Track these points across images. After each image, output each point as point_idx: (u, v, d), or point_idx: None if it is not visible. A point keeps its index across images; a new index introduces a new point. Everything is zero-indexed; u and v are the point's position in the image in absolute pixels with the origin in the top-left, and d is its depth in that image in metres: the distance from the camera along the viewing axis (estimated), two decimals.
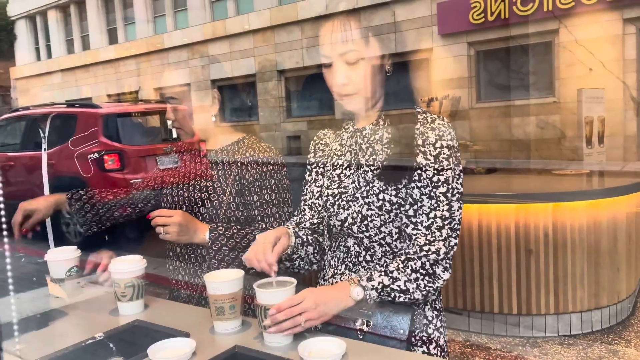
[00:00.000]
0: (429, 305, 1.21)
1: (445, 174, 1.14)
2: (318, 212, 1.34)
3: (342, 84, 1.19)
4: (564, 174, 4.09)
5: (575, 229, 3.12)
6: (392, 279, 1.10)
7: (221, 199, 1.52)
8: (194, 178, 1.61)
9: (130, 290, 1.33)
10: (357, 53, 1.17)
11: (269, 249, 1.15)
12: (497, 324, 3.26)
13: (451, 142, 1.15)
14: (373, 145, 1.22)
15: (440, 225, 1.13)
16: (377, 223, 1.18)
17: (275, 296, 1.10)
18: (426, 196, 1.14)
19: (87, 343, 1.15)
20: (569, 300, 3.15)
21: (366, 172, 1.21)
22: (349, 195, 1.22)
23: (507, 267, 3.19)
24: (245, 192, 1.52)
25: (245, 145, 1.59)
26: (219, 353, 1.07)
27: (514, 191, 3.55)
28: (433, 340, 1.19)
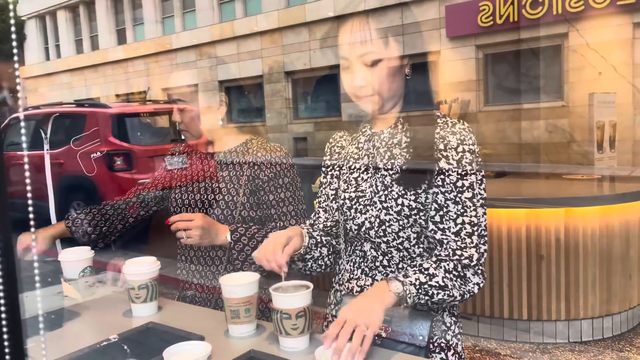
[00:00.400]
0: (447, 311, 1.20)
1: (469, 179, 1.12)
2: (332, 215, 1.33)
3: (359, 85, 1.17)
4: (575, 178, 4.06)
5: (587, 235, 3.09)
6: (428, 276, 1.07)
7: (235, 199, 1.51)
8: (204, 180, 1.60)
9: (144, 292, 1.33)
10: (376, 54, 1.15)
11: (279, 249, 1.13)
12: (506, 329, 3.23)
13: (472, 146, 1.14)
14: (391, 149, 1.21)
15: (470, 231, 1.11)
16: (395, 228, 1.16)
17: (292, 300, 1.09)
18: (452, 202, 1.12)
19: (102, 345, 1.15)
20: (580, 306, 3.12)
21: (384, 176, 1.19)
22: (366, 200, 1.21)
23: (517, 272, 3.16)
24: (260, 191, 1.52)
25: (255, 146, 1.59)
26: (235, 357, 1.06)
27: (524, 195, 3.52)
28: (451, 347, 1.18)
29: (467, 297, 1.12)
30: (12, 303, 0.50)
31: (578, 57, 8.50)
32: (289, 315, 1.08)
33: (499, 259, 3.19)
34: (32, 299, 0.81)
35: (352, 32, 1.16)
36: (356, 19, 1.17)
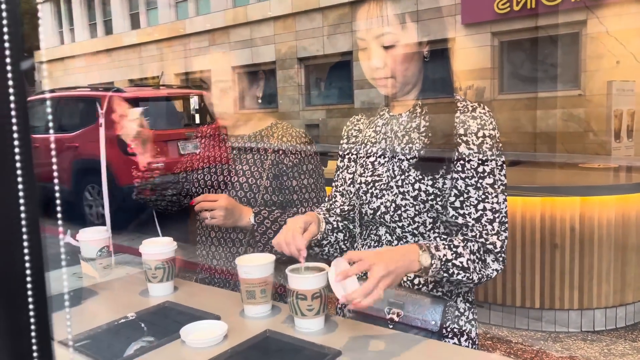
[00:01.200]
0: (462, 297, 1.19)
1: (490, 164, 1.11)
2: (349, 199, 1.32)
3: (376, 67, 1.16)
4: (591, 167, 4.01)
5: (602, 224, 3.06)
6: (456, 254, 1.06)
7: (259, 182, 1.51)
8: (227, 162, 1.60)
9: (161, 272, 1.34)
10: (394, 36, 1.14)
11: (299, 234, 1.13)
12: (518, 317, 3.23)
13: (493, 131, 1.12)
14: (409, 133, 1.20)
15: (491, 218, 1.10)
16: (410, 213, 1.16)
17: (308, 282, 1.09)
18: (472, 187, 1.11)
19: (120, 322, 1.16)
20: (594, 295, 3.10)
21: (402, 160, 1.18)
22: (382, 184, 1.20)
23: (530, 261, 3.14)
24: (283, 176, 1.52)
25: (279, 131, 1.58)
26: (251, 337, 1.07)
27: (539, 184, 3.49)
28: (465, 333, 1.18)
29: (483, 282, 1.11)
30: (38, 280, 0.51)
31: (597, 45, 8.34)
32: (304, 297, 1.08)
33: (513, 247, 3.17)
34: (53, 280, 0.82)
35: (369, 13, 1.15)
36: (374, 1, 1.16)
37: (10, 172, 0.48)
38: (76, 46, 19.02)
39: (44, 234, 0.53)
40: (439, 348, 1.07)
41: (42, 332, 0.52)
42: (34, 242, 0.51)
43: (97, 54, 17.86)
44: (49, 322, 0.53)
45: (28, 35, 0.57)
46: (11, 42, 0.48)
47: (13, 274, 0.50)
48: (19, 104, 0.49)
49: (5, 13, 0.47)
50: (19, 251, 0.50)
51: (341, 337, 1.08)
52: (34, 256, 0.51)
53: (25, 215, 0.49)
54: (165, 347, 1.06)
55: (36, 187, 0.51)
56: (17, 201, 0.49)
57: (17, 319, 0.50)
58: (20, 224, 0.49)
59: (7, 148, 0.48)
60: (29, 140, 0.50)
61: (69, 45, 19.50)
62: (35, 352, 0.51)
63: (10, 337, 0.51)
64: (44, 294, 0.53)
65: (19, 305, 0.50)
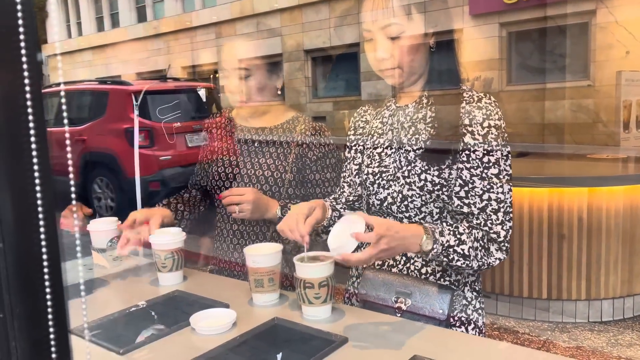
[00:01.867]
0: (469, 286, 1.20)
1: (495, 154, 1.11)
2: (355, 190, 1.33)
3: (382, 58, 1.17)
4: (600, 158, 3.99)
5: (610, 215, 3.05)
6: (459, 241, 1.07)
7: (284, 176, 1.51)
8: (248, 154, 1.57)
9: (170, 262, 1.36)
10: (399, 27, 1.14)
11: (302, 220, 1.14)
12: (525, 308, 3.23)
13: (498, 121, 1.13)
14: (416, 124, 1.20)
15: (496, 208, 1.11)
16: (417, 203, 1.17)
17: (315, 270, 1.10)
18: (478, 177, 1.12)
19: (131, 310, 1.18)
20: (601, 286, 3.10)
21: (408, 151, 1.19)
22: (389, 175, 1.21)
23: (538, 251, 3.14)
24: (306, 170, 1.53)
25: (302, 124, 1.56)
26: (259, 324, 1.09)
27: (546, 175, 3.48)
28: (472, 322, 1.19)
29: (483, 269, 1.12)
30: (55, 271, 0.52)
31: (606, 35, 8.25)
32: (311, 285, 1.10)
33: (520, 237, 3.17)
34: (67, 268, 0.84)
35: (375, 4, 1.16)
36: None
37: (27, 164, 0.50)
38: (83, 40, 19.07)
39: (59, 225, 0.54)
40: (446, 336, 1.08)
41: (59, 320, 0.54)
42: (51, 232, 0.52)
43: (104, 48, 17.91)
44: (65, 311, 0.54)
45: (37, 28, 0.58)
46: (26, 34, 0.49)
47: (31, 264, 0.51)
48: (34, 94, 0.50)
49: (20, 6, 0.49)
50: (37, 242, 0.51)
51: (348, 324, 1.09)
52: (50, 246, 0.52)
53: (42, 207, 0.51)
54: (175, 335, 1.08)
55: (52, 179, 0.52)
56: (34, 194, 0.50)
57: (36, 307, 0.52)
58: (37, 215, 0.51)
59: (24, 140, 0.49)
60: (44, 132, 0.51)
61: (76, 39, 19.56)
62: (52, 340, 0.53)
63: (29, 325, 0.52)
64: (61, 283, 0.54)
65: (37, 294, 0.52)
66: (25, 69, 0.49)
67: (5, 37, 0.48)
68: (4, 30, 0.48)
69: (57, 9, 19.67)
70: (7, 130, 0.48)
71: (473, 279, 1.21)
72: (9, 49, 0.48)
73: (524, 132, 8.93)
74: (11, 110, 0.48)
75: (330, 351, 0.97)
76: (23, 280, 0.50)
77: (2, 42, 0.48)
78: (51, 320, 0.53)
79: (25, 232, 0.51)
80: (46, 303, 0.52)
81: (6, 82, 0.48)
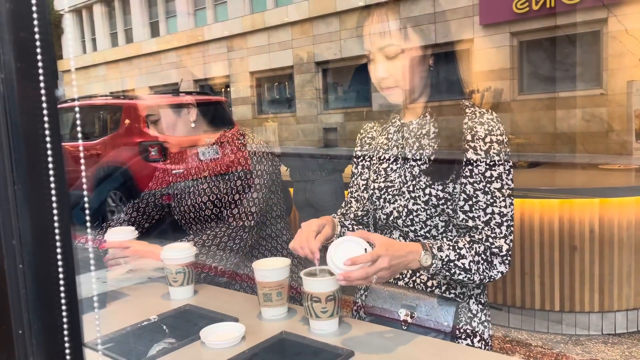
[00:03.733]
0: (474, 299, 1.22)
1: (497, 169, 1.14)
2: (363, 205, 1.36)
3: (382, 77, 1.21)
4: (612, 168, 3.97)
5: (622, 226, 3.03)
6: (458, 256, 1.09)
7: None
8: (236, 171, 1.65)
9: (181, 276, 1.39)
10: (396, 47, 1.18)
11: (312, 237, 1.15)
12: (538, 320, 3.21)
13: (501, 137, 1.15)
14: (420, 139, 1.23)
15: (499, 222, 1.13)
16: (422, 217, 1.19)
17: (322, 284, 1.12)
18: (481, 192, 1.14)
19: (143, 324, 1.21)
20: (615, 298, 3.07)
21: (413, 166, 1.22)
22: (395, 190, 1.24)
23: (549, 263, 3.13)
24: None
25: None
26: (267, 338, 1.11)
27: (558, 186, 3.47)
28: (477, 334, 1.20)
29: (485, 282, 1.14)
30: (70, 287, 0.55)
31: (617, 44, 8.22)
32: (318, 299, 1.12)
33: (531, 249, 3.16)
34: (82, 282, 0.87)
35: (371, 25, 1.19)
36: (375, 12, 1.20)
37: (43, 179, 0.53)
38: (98, 55, 19.41)
39: (74, 239, 0.57)
40: (452, 349, 1.09)
41: (74, 334, 0.56)
42: (67, 251, 0.55)
43: (118, 62, 18.21)
44: (80, 325, 0.57)
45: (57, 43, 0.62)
46: (43, 49, 0.52)
47: (48, 282, 0.54)
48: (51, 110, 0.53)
49: (37, 22, 0.52)
50: (54, 261, 0.54)
51: (355, 338, 1.11)
52: (66, 264, 0.55)
53: (59, 228, 0.53)
54: (185, 348, 1.10)
55: (69, 199, 0.55)
56: (51, 210, 0.53)
57: (51, 320, 0.55)
58: (54, 236, 0.53)
59: (40, 156, 0.52)
60: (60, 147, 0.55)
61: (90, 54, 19.91)
62: (68, 353, 0.56)
63: (46, 340, 0.55)
64: (76, 299, 0.57)
65: (53, 310, 0.55)
66: (43, 100, 0.52)
67: (25, 69, 0.52)
68: (24, 63, 0.52)
69: (73, 24, 20.06)
70: (27, 158, 0.52)
71: (478, 291, 1.23)
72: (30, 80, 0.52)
73: (536, 141, 8.89)
74: (31, 140, 0.51)
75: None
76: (41, 298, 0.53)
77: (23, 75, 0.52)
78: (67, 334, 0.56)
79: (43, 252, 0.54)
80: (62, 319, 0.55)
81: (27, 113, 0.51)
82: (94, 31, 19.93)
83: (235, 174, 1.59)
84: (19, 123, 0.52)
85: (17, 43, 0.51)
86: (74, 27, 20.49)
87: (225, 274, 1.63)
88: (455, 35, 1.27)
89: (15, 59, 0.51)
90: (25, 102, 0.52)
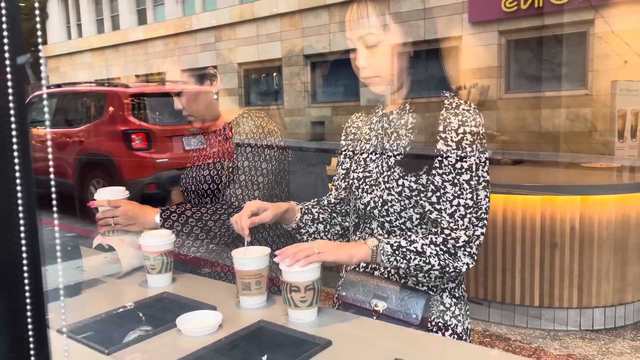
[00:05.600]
0: (448, 292, 1.22)
1: (468, 160, 1.13)
2: (339, 193, 1.38)
3: (361, 66, 1.21)
4: (593, 167, 4.01)
5: (602, 223, 3.06)
6: (409, 242, 1.11)
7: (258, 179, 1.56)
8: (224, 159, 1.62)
9: (159, 263, 1.37)
10: (376, 36, 1.18)
11: (245, 216, 1.22)
12: (517, 315, 3.24)
13: (475, 128, 1.14)
14: (398, 130, 1.23)
15: (463, 213, 1.13)
16: (397, 208, 1.19)
17: (301, 274, 1.11)
18: (449, 183, 1.13)
19: (118, 311, 1.19)
20: (593, 294, 3.11)
21: (389, 157, 1.22)
22: (372, 180, 1.24)
23: (530, 259, 3.16)
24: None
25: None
26: (245, 326, 1.10)
27: (540, 183, 3.50)
28: (450, 327, 1.20)
29: (450, 271, 1.13)
30: (34, 268, 0.53)
31: (603, 45, 8.30)
32: (297, 288, 1.11)
33: (513, 245, 3.19)
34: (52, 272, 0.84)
35: (352, 14, 1.20)
36: (357, 2, 1.20)
37: (7, 155, 0.51)
38: (83, 41, 19.11)
39: (40, 224, 0.55)
40: (430, 340, 1.09)
41: (37, 316, 0.54)
42: (31, 231, 0.53)
43: (104, 50, 17.95)
44: (44, 306, 0.55)
45: (34, 29, 0.59)
46: (10, 36, 0.50)
47: (11, 262, 0.52)
48: (17, 96, 0.51)
49: (4, 10, 0.50)
50: (17, 240, 0.52)
51: (333, 327, 1.10)
52: (30, 245, 0.53)
53: (23, 207, 0.52)
54: (161, 336, 1.09)
55: (32, 178, 0.53)
56: (15, 187, 0.51)
57: (14, 301, 0.53)
58: (17, 214, 0.52)
59: (5, 130, 0.50)
60: (25, 122, 0.53)
61: (75, 40, 19.59)
62: (31, 337, 0.54)
63: (7, 322, 0.53)
64: (40, 281, 0.55)
65: (17, 291, 0.53)
66: (8, 71, 0.50)
67: None
68: None
69: (58, 9, 19.73)
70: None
71: (453, 285, 1.22)
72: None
73: (521, 139, 8.97)
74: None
75: (313, 354, 0.98)
76: (2, 278, 0.51)
77: None
78: (30, 318, 0.54)
79: (5, 230, 0.52)
80: (25, 300, 0.53)
81: None
82: (79, 17, 19.61)
83: (244, 154, 1.56)
84: None
85: None
86: (59, 12, 20.16)
87: (211, 264, 1.61)
88: (443, 32, 1.27)
89: None
90: None
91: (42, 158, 0.62)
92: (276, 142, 1.60)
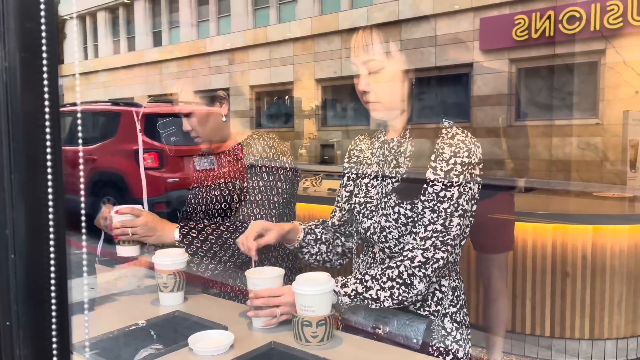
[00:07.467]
0: (449, 317, 1.22)
1: (452, 190, 1.14)
2: (343, 215, 1.40)
3: (363, 91, 1.24)
4: (605, 196, 3.99)
5: (615, 253, 3.03)
6: (365, 288, 1.14)
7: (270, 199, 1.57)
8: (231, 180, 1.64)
9: (172, 282, 1.37)
10: (378, 63, 1.20)
11: (251, 237, 1.23)
12: (528, 345, 3.19)
13: (467, 159, 1.15)
14: (397, 157, 1.25)
15: (429, 236, 1.14)
16: (395, 235, 1.20)
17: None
18: (429, 209, 1.15)
19: (131, 329, 1.20)
20: (605, 326, 3.06)
21: (388, 184, 1.24)
22: (372, 206, 1.26)
23: (541, 288, 3.12)
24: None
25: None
26: (256, 347, 1.10)
27: (551, 211, 3.47)
28: (450, 352, 1.20)
29: (407, 302, 1.16)
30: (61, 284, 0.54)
31: (615, 75, 8.33)
32: (309, 323, 1.09)
33: (523, 273, 3.15)
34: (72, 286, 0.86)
35: (357, 40, 1.23)
36: (362, 28, 1.23)
37: (40, 170, 0.52)
38: (99, 62, 19.47)
39: (68, 244, 0.56)
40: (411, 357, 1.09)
41: (62, 332, 0.55)
42: (60, 247, 0.54)
43: (119, 70, 18.26)
44: (69, 323, 0.56)
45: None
46: (48, 40, 0.52)
47: (39, 276, 0.53)
48: (53, 115, 0.53)
49: (43, 12, 0.52)
50: (46, 255, 0.53)
51: (344, 350, 1.10)
52: (58, 260, 0.54)
53: (53, 222, 0.53)
54: (172, 354, 1.09)
55: (64, 196, 0.55)
56: (46, 202, 0.52)
57: (40, 314, 0.54)
58: (48, 230, 0.53)
59: (39, 147, 0.52)
60: (60, 151, 0.54)
61: (92, 60, 19.96)
62: (55, 350, 0.54)
63: (34, 335, 0.54)
64: (66, 296, 0.56)
65: (43, 305, 0.54)
66: (46, 91, 0.52)
67: (29, 59, 0.52)
68: (29, 53, 0.52)
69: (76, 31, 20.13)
70: (25, 148, 0.51)
71: (454, 310, 1.22)
72: (33, 70, 0.52)
73: (531, 167, 8.93)
74: (30, 129, 0.51)
75: None
76: (31, 291, 0.52)
77: (27, 64, 0.52)
78: (54, 331, 0.55)
79: (36, 245, 0.53)
80: (51, 313, 0.54)
81: (29, 102, 0.51)
82: (96, 37, 20.02)
83: (258, 174, 1.57)
84: (20, 113, 0.52)
85: (22, 33, 0.52)
86: (77, 33, 20.57)
87: (220, 285, 1.61)
88: (454, 59, 1.30)
89: (19, 49, 0.51)
90: (28, 92, 0.52)
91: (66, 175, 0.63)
92: (288, 163, 1.61)
